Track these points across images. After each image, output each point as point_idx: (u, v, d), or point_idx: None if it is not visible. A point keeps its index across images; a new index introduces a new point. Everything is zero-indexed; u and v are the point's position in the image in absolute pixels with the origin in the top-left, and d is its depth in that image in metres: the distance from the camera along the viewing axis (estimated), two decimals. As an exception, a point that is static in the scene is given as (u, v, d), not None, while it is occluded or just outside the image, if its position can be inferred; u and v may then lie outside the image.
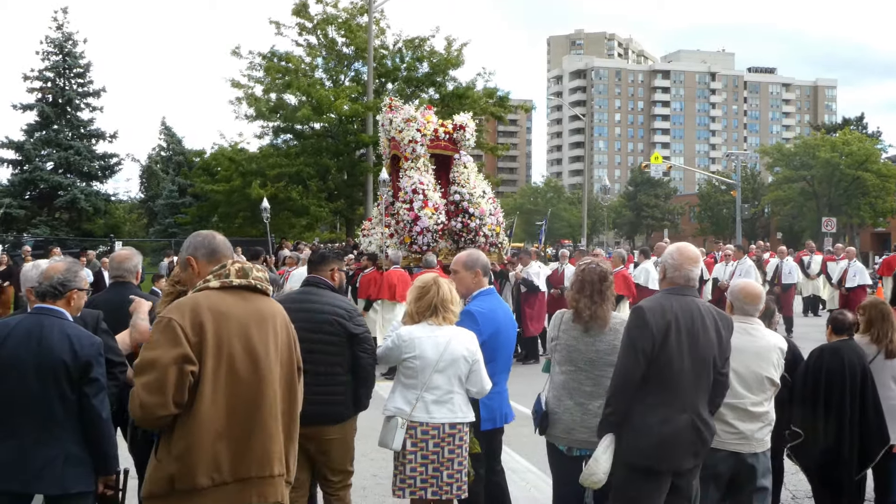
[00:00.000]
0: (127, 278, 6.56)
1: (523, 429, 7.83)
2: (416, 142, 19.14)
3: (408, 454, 5.48)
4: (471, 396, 5.66)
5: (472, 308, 6.04)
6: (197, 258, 4.32)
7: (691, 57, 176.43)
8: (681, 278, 5.12)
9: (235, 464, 3.79)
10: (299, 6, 38.94)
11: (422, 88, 41.19)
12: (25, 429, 4.55)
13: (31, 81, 44.29)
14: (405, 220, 18.39)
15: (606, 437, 5.01)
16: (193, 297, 3.93)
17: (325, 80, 40.30)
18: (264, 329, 3.97)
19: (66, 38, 44.56)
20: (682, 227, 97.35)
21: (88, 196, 43.56)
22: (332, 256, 6.23)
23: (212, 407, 3.75)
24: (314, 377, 5.60)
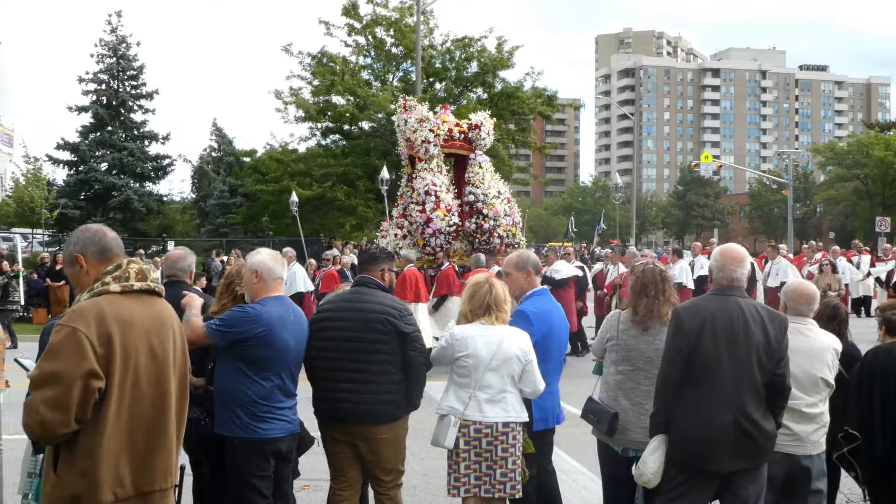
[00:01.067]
0: (181, 277, 6.62)
1: (572, 429, 7.83)
2: (430, 142, 18.83)
3: (461, 452, 5.51)
4: (524, 397, 5.66)
5: (525, 308, 6.05)
6: (86, 256, 3.89)
7: (742, 55, 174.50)
8: (724, 279, 5.12)
9: (138, 478, 3.63)
10: (349, 7, 39.15)
11: (470, 88, 41.22)
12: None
13: (86, 84, 44.93)
14: (417, 222, 18.19)
15: (655, 438, 5.02)
16: (97, 304, 3.64)
17: (372, 81, 40.49)
18: (166, 335, 3.80)
19: (120, 41, 45.16)
20: (732, 226, 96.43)
21: (141, 197, 44.11)
22: (383, 256, 6.23)
23: (116, 421, 3.55)
24: (366, 376, 5.65)
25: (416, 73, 36.32)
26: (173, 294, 6.37)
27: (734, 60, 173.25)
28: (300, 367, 5.69)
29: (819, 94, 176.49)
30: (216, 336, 5.35)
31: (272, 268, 5.50)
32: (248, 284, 5.51)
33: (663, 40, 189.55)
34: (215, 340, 5.37)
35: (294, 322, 5.53)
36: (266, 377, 5.35)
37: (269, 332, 5.30)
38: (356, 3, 39.19)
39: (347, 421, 5.69)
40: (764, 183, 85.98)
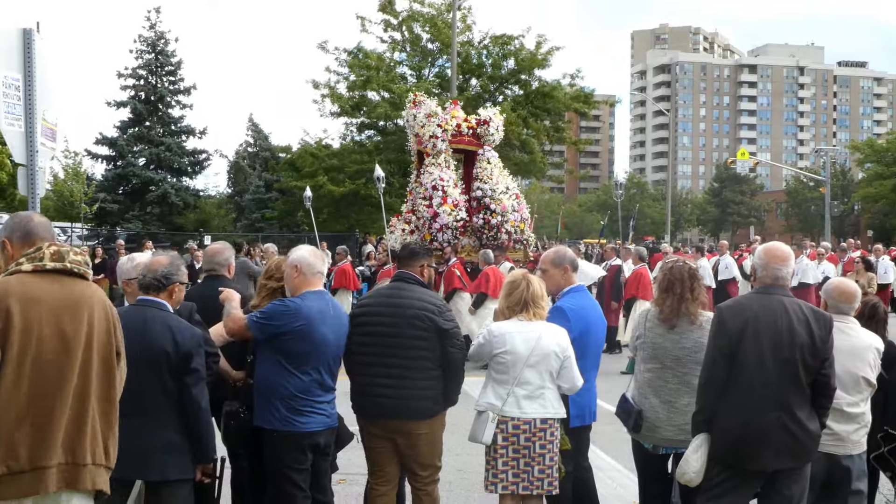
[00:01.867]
0: (219, 271, 6.66)
1: (608, 426, 7.82)
2: (437, 137, 18.78)
3: (499, 448, 5.52)
4: (562, 393, 5.66)
5: (562, 304, 6.06)
6: (11, 241, 4.03)
7: (779, 51, 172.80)
8: (768, 277, 5.07)
9: (37, 451, 3.63)
10: (386, 2, 39.22)
11: (506, 86, 41.18)
12: (128, 417, 4.70)
13: (125, 79, 45.44)
14: (425, 217, 18.17)
15: (698, 437, 5.00)
16: (4, 282, 3.76)
17: (408, 76, 40.53)
18: (78, 314, 3.81)
19: (159, 37, 45.59)
20: (768, 224, 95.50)
21: (179, 191, 44.53)
22: (422, 252, 6.25)
23: (13, 394, 3.60)
24: (404, 372, 5.68)
25: (452, 70, 36.26)
26: (212, 287, 6.47)
27: (771, 56, 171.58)
28: (339, 362, 5.71)
29: (858, 90, 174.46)
30: (256, 329, 5.40)
31: (312, 263, 5.54)
32: (289, 279, 5.55)
33: (700, 36, 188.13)
34: (255, 333, 5.42)
35: (333, 317, 5.56)
36: (305, 371, 5.38)
37: (307, 326, 5.33)
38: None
39: (386, 416, 5.72)
40: (801, 180, 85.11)
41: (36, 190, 7.45)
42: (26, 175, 7.46)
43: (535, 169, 41.74)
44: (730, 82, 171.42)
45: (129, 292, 5.76)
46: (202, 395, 4.85)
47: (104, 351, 3.91)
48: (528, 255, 18.97)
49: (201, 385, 4.86)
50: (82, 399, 3.78)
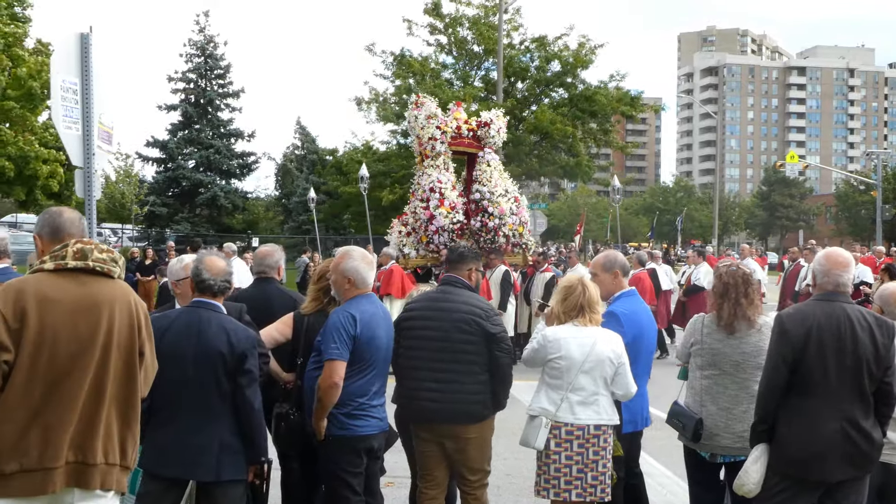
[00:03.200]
0: (269, 274, 6.71)
1: (657, 432, 7.76)
2: (436, 139, 18.54)
3: (552, 454, 5.49)
4: (616, 399, 5.63)
5: (615, 309, 6.02)
6: (42, 236, 4.09)
7: (829, 53, 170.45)
8: (829, 284, 4.99)
9: (48, 451, 3.63)
10: (431, 6, 39.29)
11: (551, 88, 41.06)
12: (184, 417, 4.76)
13: (175, 83, 46.02)
14: (422, 219, 17.99)
15: (757, 448, 4.93)
16: (21, 282, 3.78)
17: (453, 80, 40.56)
18: (96, 314, 3.78)
19: (208, 41, 46.10)
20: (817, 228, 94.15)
21: (227, 193, 44.98)
22: (471, 256, 6.25)
23: (25, 394, 3.62)
24: (452, 376, 5.69)
25: (498, 74, 36.26)
26: (262, 290, 6.54)
27: (821, 58, 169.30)
28: (389, 365, 5.75)
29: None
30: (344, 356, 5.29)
31: (365, 276, 5.54)
32: (339, 287, 5.54)
33: (748, 38, 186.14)
34: (346, 359, 5.30)
35: (384, 319, 5.57)
36: (361, 375, 5.39)
37: (365, 332, 5.34)
38: (439, 1, 39.33)
39: (435, 420, 5.73)
40: (851, 184, 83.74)
41: (92, 192, 7.57)
42: (83, 177, 7.57)
43: (581, 172, 41.56)
44: (778, 84, 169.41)
45: (178, 293, 5.84)
46: (255, 396, 4.89)
47: (125, 351, 3.89)
48: (526, 259, 18.79)
49: (255, 386, 4.90)
50: (97, 399, 3.77)
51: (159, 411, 4.70)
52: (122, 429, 3.87)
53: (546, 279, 16.47)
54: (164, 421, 4.71)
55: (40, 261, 3.85)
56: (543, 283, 16.43)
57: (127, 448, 3.89)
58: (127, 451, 3.89)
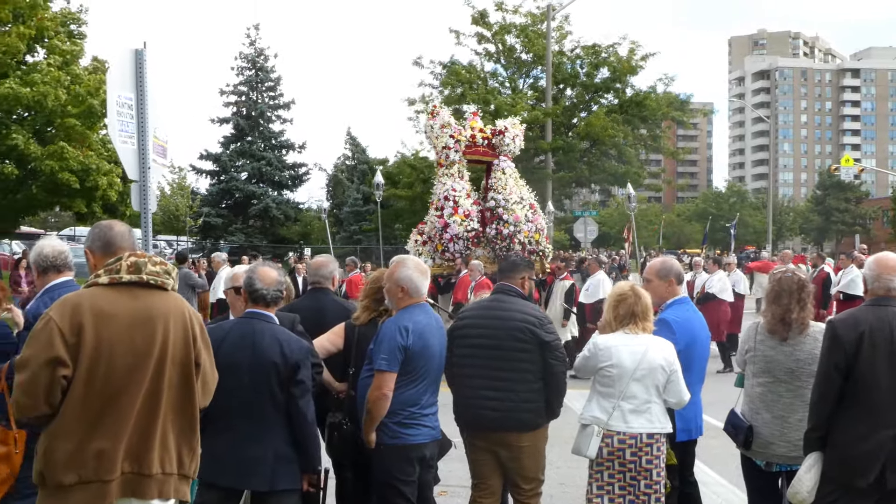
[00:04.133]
0: (324, 284, 6.77)
1: (712, 440, 7.70)
2: (450, 148, 18.77)
3: (604, 462, 5.45)
4: (669, 407, 5.58)
5: (667, 317, 5.97)
6: (93, 250, 4.14)
7: (883, 54, 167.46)
8: (881, 289, 4.91)
9: (104, 463, 3.67)
10: (478, 15, 39.39)
11: (600, 94, 40.93)
12: (239, 427, 4.82)
13: (227, 96, 46.60)
14: (436, 228, 18.12)
15: (811, 456, 4.86)
16: (78, 296, 3.81)
17: (502, 89, 40.60)
18: (151, 328, 3.81)
19: (259, 54, 46.62)
20: (874, 232, 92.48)
21: (279, 204, 45.40)
22: (523, 264, 6.25)
23: (83, 408, 3.65)
24: (506, 384, 5.68)
25: (547, 80, 36.24)
26: (317, 300, 6.59)
27: (875, 60, 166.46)
28: (441, 374, 5.75)
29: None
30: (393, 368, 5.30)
31: (418, 286, 5.55)
32: (393, 296, 5.56)
33: (799, 41, 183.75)
34: (396, 370, 5.31)
35: (437, 328, 5.58)
36: (413, 385, 5.40)
37: (417, 342, 5.35)
38: (486, 11, 39.42)
39: (489, 428, 5.74)
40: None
41: (148, 205, 7.68)
42: (139, 191, 7.70)
43: (632, 178, 41.35)
44: (832, 87, 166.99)
45: (230, 303, 5.91)
46: (308, 406, 4.93)
47: (180, 363, 3.92)
48: (544, 266, 18.66)
49: (308, 396, 4.94)
50: (152, 411, 3.80)
51: (215, 421, 4.73)
52: (179, 439, 3.91)
53: (566, 287, 16.25)
54: (219, 431, 4.74)
55: (94, 275, 3.88)
56: (563, 292, 16.22)
57: (184, 457, 3.93)
58: (184, 460, 3.93)
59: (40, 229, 47.70)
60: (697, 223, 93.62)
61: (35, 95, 21.84)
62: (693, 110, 43.80)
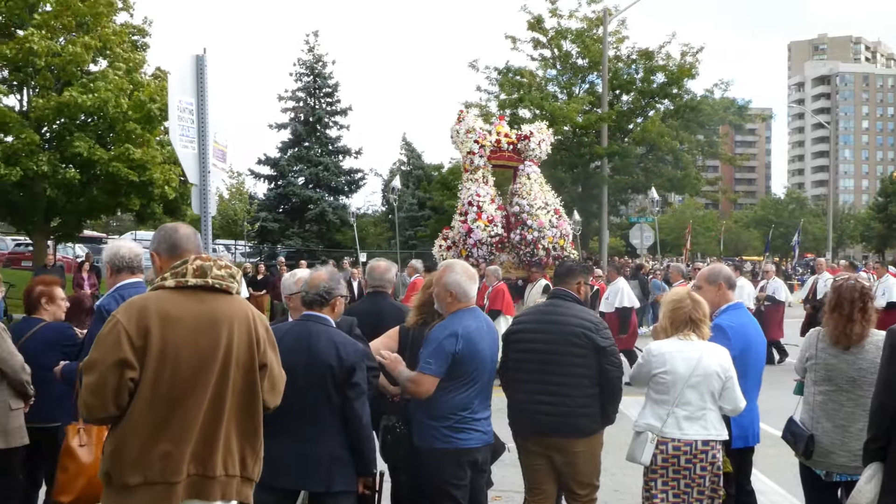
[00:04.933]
0: (385, 288, 6.85)
1: (769, 449, 7.60)
2: (474, 153, 18.73)
3: (658, 469, 5.41)
4: (724, 414, 5.52)
5: (721, 322, 5.92)
6: (159, 253, 4.16)
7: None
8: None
9: (170, 465, 3.69)
10: (534, 21, 39.36)
11: (656, 100, 40.67)
12: (295, 429, 4.87)
13: (285, 102, 47.05)
14: (460, 233, 18.09)
15: (871, 466, 4.76)
16: (144, 299, 3.84)
17: (558, 94, 40.52)
18: (217, 331, 3.82)
19: (317, 60, 47.00)
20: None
21: (336, 209, 45.69)
22: (579, 269, 6.24)
23: (148, 410, 3.68)
24: (562, 389, 5.68)
25: (603, 85, 36.08)
26: (376, 304, 6.65)
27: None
28: (494, 378, 5.75)
29: None
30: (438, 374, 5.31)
31: (467, 290, 5.55)
32: (442, 300, 5.57)
33: (861, 45, 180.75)
34: (439, 374, 5.33)
35: (488, 332, 5.56)
36: (463, 389, 5.39)
37: (466, 347, 5.34)
38: (541, 16, 39.37)
39: (543, 433, 5.74)
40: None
41: (208, 209, 7.78)
42: (199, 195, 7.80)
43: (689, 184, 40.95)
44: (894, 93, 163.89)
45: (292, 307, 5.99)
46: (364, 408, 4.96)
47: (244, 366, 3.93)
48: None
49: (363, 399, 4.97)
50: (216, 414, 3.82)
51: (272, 422, 4.76)
52: (242, 441, 3.93)
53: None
54: (275, 432, 4.76)
55: (161, 277, 3.91)
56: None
57: (247, 460, 3.96)
58: (247, 462, 3.96)
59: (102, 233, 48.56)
60: (756, 230, 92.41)
61: (97, 102, 22.26)
62: (751, 115, 43.22)
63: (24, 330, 6.24)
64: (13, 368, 5.85)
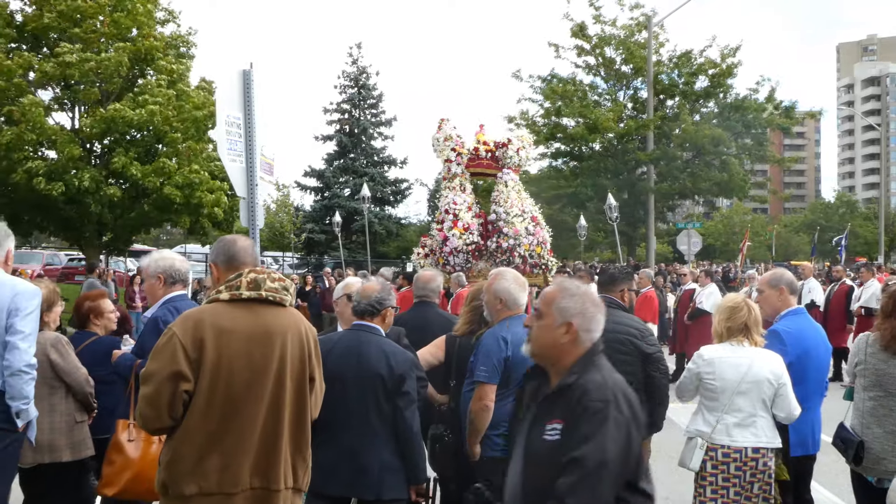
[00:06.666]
0: (431, 298, 6.90)
1: (822, 456, 7.48)
2: (451, 161, 18.84)
3: (708, 476, 5.40)
4: (779, 421, 5.48)
5: (778, 328, 5.87)
6: (217, 264, 4.21)
7: None
8: None
9: (227, 476, 3.75)
10: (577, 28, 39.29)
11: (701, 103, 40.37)
12: (346, 437, 4.90)
13: (330, 114, 47.43)
14: (437, 241, 18.12)
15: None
16: (199, 312, 3.92)
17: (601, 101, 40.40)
18: (270, 344, 3.89)
19: (361, 72, 47.34)
20: None
21: (382, 220, 45.90)
22: (622, 277, 6.23)
23: (203, 421, 3.75)
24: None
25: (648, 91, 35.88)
26: (422, 313, 6.69)
27: None
28: None
29: None
30: (493, 380, 5.33)
31: (516, 297, 5.58)
32: (492, 307, 5.61)
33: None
34: (496, 381, 5.34)
35: (534, 340, 5.60)
36: (514, 396, 5.42)
37: (517, 353, 5.33)
38: (584, 23, 39.28)
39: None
40: None
41: (256, 222, 7.89)
42: (247, 208, 7.91)
43: (736, 188, 40.50)
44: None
45: (339, 313, 6.05)
46: (413, 417, 5.00)
47: (297, 378, 3.99)
48: (547, 279, 18.31)
49: (413, 408, 5.00)
50: (276, 426, 3.89)
51: (322, 431, 4.82)
52: (294, 453, 3.99)
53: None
54: (325, 441, 4.83)
55: (216, 290, 3.99)
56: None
57: (298, 471, 4.02)
58: (298, 473, 4.02)
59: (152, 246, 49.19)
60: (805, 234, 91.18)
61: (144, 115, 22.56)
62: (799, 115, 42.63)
63: (76, 344, 6.37)
64: (78, 381, 5.98)
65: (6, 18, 24.20)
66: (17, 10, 24.81)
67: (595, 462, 3.07)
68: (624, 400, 3.29)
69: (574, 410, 3.20)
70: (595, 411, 3.14)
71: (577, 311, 3.48)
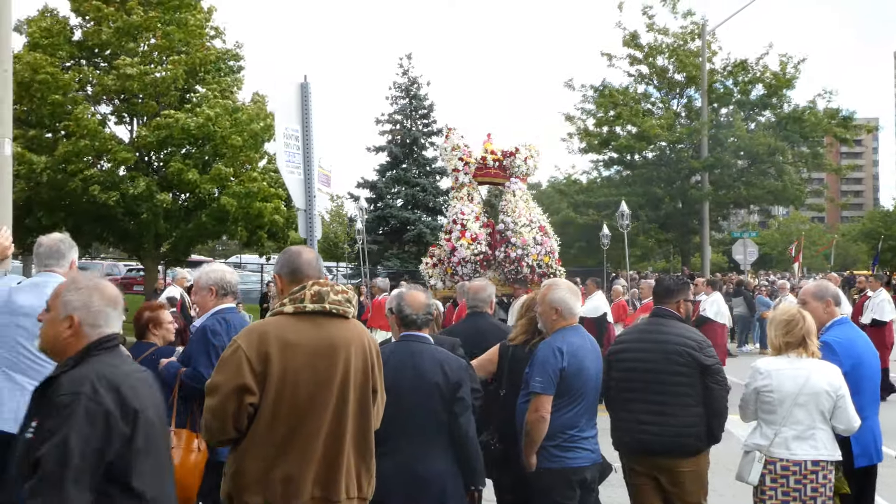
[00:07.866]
0: (482, 308, 6.94)
1: (885, 469, 7.38)
2: (458, 170, 18.80)
3: (767, 490, 5.35)
4: (839, 434, 5.42)
5: (828, 339, 5.81)
6: (282, 276, 4.20)
7: None
8: None
9: (291, 487, 3.79)
10: (628, 38, 39.16)
11: (757, 112, 39.98)
12: (404, 447, 4.93)
13: (382, 125, 47.63)
14: (445, 251, 18.10)
15: None
16: (264, 325, 3.96)
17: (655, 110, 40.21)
18: (334, 357, 3.92)
19: (412, 83, 47.47)
20: None
21: (433, 230, 45.96)
22: (678, 288, 6.21)
23: (268, 433, 3.79)
24: (666, 408, 5.64)
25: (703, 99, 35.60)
26: (475, 323, 6.72)
27: None
28: (598, 396, 5.75)
29: None
30: (548, 391, 5.36)
31: (572, 307, 5.60)
32: (547, 318, 5.63)
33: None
34: (551, 392, 5.37)
35: (591, 350, 5.60)
36: (570, 407, 5.43)
37: (573, 363, 5.39)
38: (636, 32, 39.13)
39: (649, 452, 5.71)
40: None
41: (314, 233, 7.99)
42: (305, 219, 8.01)
43: (792, 196, 40.00)
44: None
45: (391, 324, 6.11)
46: (470, 423, 5.03)
47: (360, 390, 4.02)
48: None
49: (468, 414, 5.03)
50: (337, 438, 3.92)
51: (381, 443, 4.87)
52: (358, 463, 4.04)
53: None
54: (385, 452, 4.84)
55: (280, 303, 4.03)
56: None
57: (363, 481, 4.07)
58: (363, 484, 4.07)
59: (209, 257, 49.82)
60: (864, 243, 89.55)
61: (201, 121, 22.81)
62: (857, 126, 41.99)
63: (136, 355, 6.50)
64: None
65: (66, 35, 24.67)
66: (77, 25, 25.26)
67: (54, 461, 2.94)
68: (109, 390, 3.11)
69: (46, 407, 3.09)
70: (62, 406, 3.01)
71: (80, 305, 3.33)
